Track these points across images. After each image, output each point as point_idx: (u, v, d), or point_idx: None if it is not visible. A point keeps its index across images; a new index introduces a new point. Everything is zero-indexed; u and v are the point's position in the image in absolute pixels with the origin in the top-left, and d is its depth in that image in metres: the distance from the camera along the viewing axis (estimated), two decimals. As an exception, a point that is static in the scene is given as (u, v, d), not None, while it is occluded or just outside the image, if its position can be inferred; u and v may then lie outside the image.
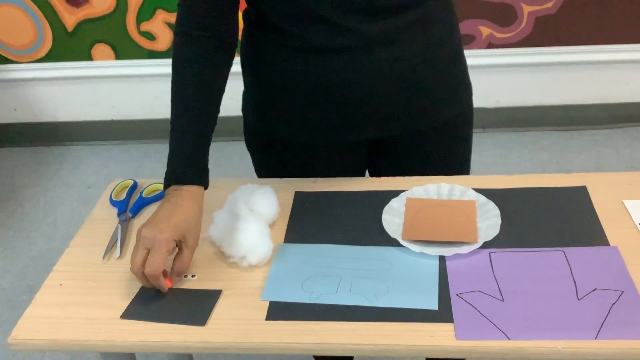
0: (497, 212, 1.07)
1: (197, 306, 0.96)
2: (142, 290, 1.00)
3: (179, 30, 1.08)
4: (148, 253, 0.96)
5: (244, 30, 1.20)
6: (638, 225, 1.03)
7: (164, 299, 0.98)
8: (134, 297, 0.99)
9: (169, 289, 0.99)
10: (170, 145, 1.05)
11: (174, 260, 1.00)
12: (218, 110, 1.10)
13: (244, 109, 1.27)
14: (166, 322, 0.94)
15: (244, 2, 1.15)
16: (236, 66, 1.21)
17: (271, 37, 1.12)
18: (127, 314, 0.96)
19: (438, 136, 1.23)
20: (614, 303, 0.89)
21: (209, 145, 1.08)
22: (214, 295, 0.98)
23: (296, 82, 1.13)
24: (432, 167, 1.23)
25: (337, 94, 1.12)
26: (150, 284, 0.98)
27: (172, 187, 1.03)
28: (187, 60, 1.07)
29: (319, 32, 1.07)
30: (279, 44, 1.12)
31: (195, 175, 1.04)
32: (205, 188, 1.06)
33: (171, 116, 1.06)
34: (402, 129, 1.18)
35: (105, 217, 1.19)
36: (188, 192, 1.02)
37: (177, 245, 0.99)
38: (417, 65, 1.12)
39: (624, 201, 1.09)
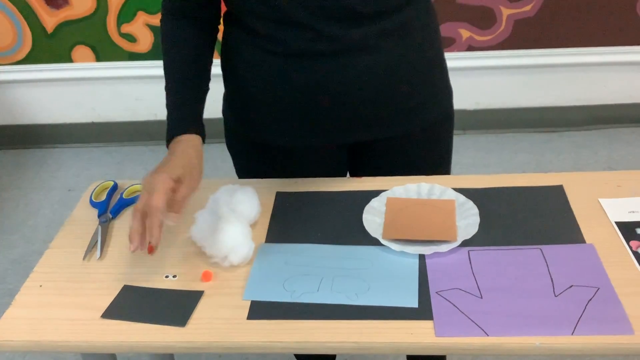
0: (476, 211, 1.08)
1: (178, 306, 0.96)
2: (123, 291, 1.00)
3: (166, 13, 1.17)
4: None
5: (224, 32, 1.20)
6: (613, 223, 1.05)
7: (146, 299, 0.98)
8: (115, 297, 0.99)
9: (151, 289, 1.00)
10: (167, 107, 1.12)
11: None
12: (209, 77, 1.17)
13: (224, 111, 1.28)
14: (147, 322, 0.94)
15: (224, 5, 1.16)
16: (217, 68, 1.21)
17: (251, 40, 1.13)
18: (108, 314, 0.96)
19: (418, 140, 1.23)
20: (590, 299, 0.91)
21: (203, 105, 1.14)
22: (195, 296, 0.98)
23: (276, 86, 1.13)
24: (412, 170, 1.24)
25: (317, 99, 1.12)
26: (141, 227, 0.96)
27: (172, 142, 1.08)
28: (176, 38, 1.15)
29: (298, 37, 1.07)
30: (259, 47, 1.12)
31: (190, 124, 1.10)
32: (203, 139, 1.10)
33: (166, 82, 1.13)
34: (382, 133, 1.19)
35: (85, 218, 1.18)
36: (184, 141, 1.07)
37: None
38: (397, 71, 1.13)
39: (600, 200, 1.11)
